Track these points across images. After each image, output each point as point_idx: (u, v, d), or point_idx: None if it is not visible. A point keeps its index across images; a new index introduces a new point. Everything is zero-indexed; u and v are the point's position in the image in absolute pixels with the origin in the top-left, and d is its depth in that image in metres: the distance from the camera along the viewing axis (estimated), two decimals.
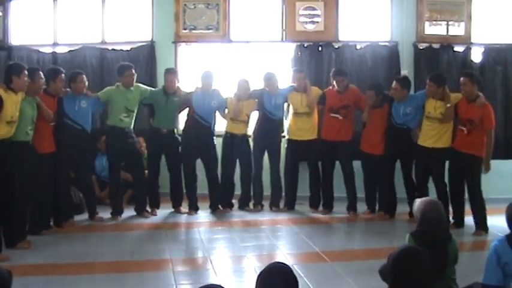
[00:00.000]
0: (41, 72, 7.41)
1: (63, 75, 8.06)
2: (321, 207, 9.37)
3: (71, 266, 6.41)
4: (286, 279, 3.24)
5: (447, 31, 10.61)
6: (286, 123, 9.50)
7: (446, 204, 7.76)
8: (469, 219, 8.17)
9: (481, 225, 8.01)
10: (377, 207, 9.12)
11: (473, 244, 7.44)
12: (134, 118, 8.91)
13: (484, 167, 7.96)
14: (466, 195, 8.26)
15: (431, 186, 8.53)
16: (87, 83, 8.55)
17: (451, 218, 7.93)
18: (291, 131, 9.35)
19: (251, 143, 9.38)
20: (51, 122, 7.64)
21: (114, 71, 9.38)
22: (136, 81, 8.99)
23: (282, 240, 7.68)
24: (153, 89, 9.23)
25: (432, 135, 8.36)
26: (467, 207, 8.22)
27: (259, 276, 3.24)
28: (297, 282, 3.20)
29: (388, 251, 3.84)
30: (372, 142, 8.95)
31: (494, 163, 9.08)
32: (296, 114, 9.26)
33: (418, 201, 4.71)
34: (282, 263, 3.45)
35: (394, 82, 8.81)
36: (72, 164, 8.41)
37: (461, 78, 8.10)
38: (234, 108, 9.12)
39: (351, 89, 9.21)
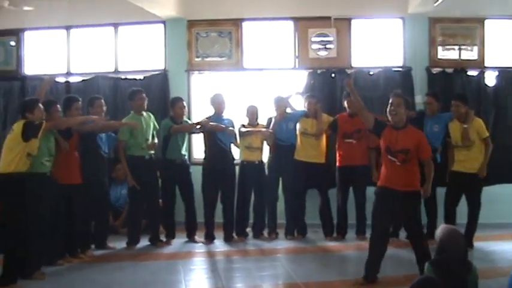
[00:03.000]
0: (58, 106, 7.45)
1: (79, 103, 8.07)
2: (334, 234, 9.34)
3: None
4: None
5: (460, 55, 10.59)
6: None
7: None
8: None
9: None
10: None
11: (492, 270, 7.32)
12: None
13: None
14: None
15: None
16: (105, 108, 8.54)
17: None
18: (299, 152, 9.29)
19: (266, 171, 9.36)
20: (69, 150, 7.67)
21: (127, 99, 9.41)
22: (149, 110, 9.01)
23: (297, 269, 7.56)
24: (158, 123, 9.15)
25: (462, 160, 8.46)
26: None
27: None
28: None
29: (406, 279, 3.79)
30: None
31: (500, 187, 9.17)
32: (304, 134, 9.25)
33: (439, 228, 4.67)
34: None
35: (427, 97, 8.97)
36: (96, 192, 8.34)
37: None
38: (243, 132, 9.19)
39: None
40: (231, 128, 9.08)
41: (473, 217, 8.42)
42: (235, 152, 9.37)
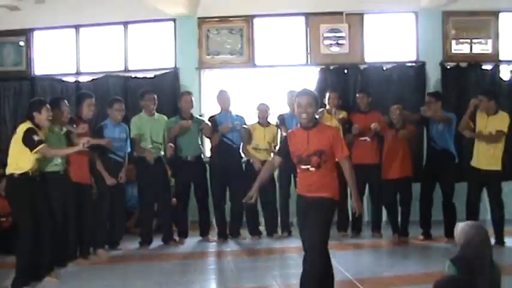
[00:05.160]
0: (65, 101, 7.34)
1: (92, 99, 8.02)
2: (349, 230, 9.33)
3: None
4: None
5: (470, 49, 10.53)
6: None
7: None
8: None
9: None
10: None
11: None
12: (162, 149, 8.79)
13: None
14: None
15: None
16: (123, 113, 8.51)
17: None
18: None
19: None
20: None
21: (138, 98, 9.32)
22: (159, 108, 8.96)
23: None
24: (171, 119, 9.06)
25: (480, 155, 8.40)
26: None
27: None
28: None
29: (425, 277, 3.69)
30: (395, 166, 8.87)
31: None
32: None
33: (461, 224, 4.51)
34: None
35: (428, 97, 8.89)
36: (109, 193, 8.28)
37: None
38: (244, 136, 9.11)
39: (373, 112, 9.28)
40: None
41: (497, 214, 8.33)
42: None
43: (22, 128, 6.54)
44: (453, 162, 8.72)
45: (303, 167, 5.57)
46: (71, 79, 10.91)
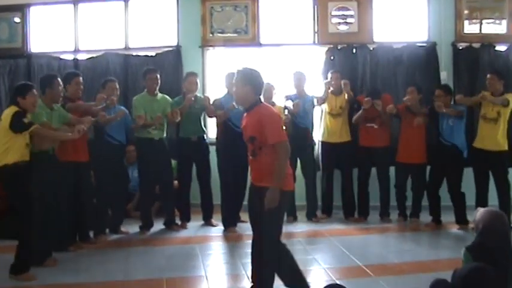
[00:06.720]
0: (59, 79, 7.08)
1: (80, 78, 7.79)
2: (356, 215, 9.22)
3: (102, 285, 6.10)
4: None
5: (481, 29, 10.22)
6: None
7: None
8: None
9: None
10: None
11: None
12: (165, 129, 8.55)
13: None
14: None
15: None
16: (118, 92, 8.28)
17: None
18: (324, 133, 9.26)
19: None
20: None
21: (138, 77, 9.10)
22: (161, 88, 8.71)
23: (319, 253, 7.27)
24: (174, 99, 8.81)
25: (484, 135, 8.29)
26: None
27: None
28: None
29: (436, 264, 3.49)
30: (411, 151, 8.72)
31: None
32: (330, 114, 9.19)
33: (481, 210, 4.42)
34: (338, 285, 3.14)
35: (438, 90, 8.64)
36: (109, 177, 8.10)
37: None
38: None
39: (383, 97, 9.07)
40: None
41: (504, 198, 8.16)
42: None
43: (8, 114, 6.22)
44: (461, 158, 8.49)
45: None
46: (69, 57, 10.62)
